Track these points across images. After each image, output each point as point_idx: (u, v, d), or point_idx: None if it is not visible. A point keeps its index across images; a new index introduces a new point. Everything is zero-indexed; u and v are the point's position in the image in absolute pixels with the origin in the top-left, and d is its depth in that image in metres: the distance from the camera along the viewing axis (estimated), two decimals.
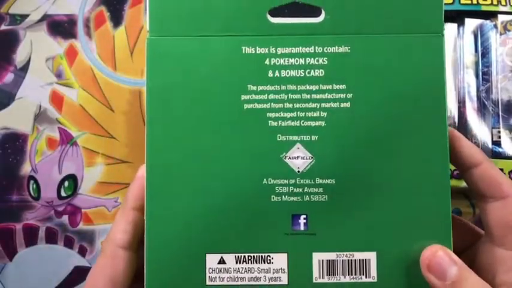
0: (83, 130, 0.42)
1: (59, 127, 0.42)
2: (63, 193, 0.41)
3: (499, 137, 0.39)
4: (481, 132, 0.39)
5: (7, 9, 0.43)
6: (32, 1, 0.43)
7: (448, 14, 0.40)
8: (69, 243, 0.41)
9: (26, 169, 0.41)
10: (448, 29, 0.40)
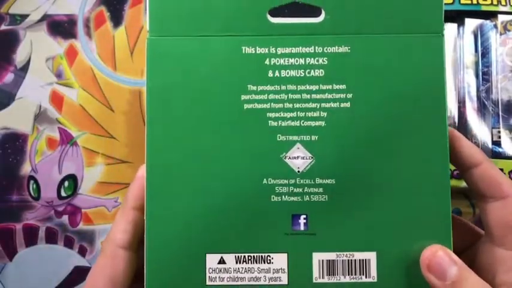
0: (83, 130, 0.42)
1: (59, 127, 0.42)
2: (63, 193, 0.41)
3: (499, 137, 0.39)
4: (481, 132, 0.39)
5: (7, 9, 0.43)
6: (32, 1, 0.43)
7: (448, 14, 0.40)
8: (69, 243, 0.41)
9: (26, 169, 0.41)
10: (448, 29, 0.40)
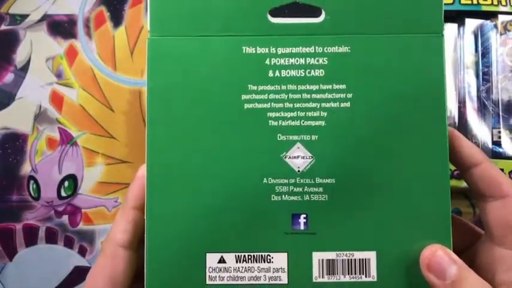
0: (83, 130, 0.42)
1: (59, 127, 0.42)
2: (63, 193, 0.41)
3: (499, 137, 0.39)
4: (481, 132, 0.39)
5: (7, 9, 0.43)
6: (32, 1, 0.43)
7: (448, 14, 0.40)
8: (69, 243, 0.41)
9: (26, 169, 0.41)
10: (449, 29, 0.40)
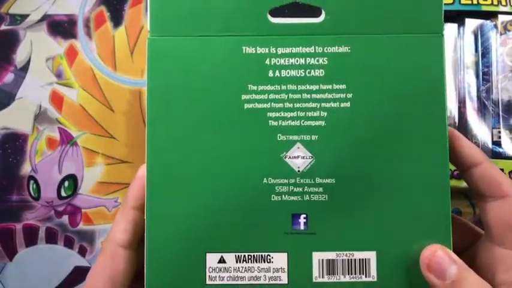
0: (83, 130, 0.42)
1: (59, 127, 0.42)
2: (63, 193, 0.41)
3: (499, 137, 0.39)
4: (481, 132, 0.39)
5: (7, 9, 0.43)
6: (32, 1, 0.43)
7: (448, 14, 0.40)
8: (69, 243, 0.41)
9: (26, 169, 0.41)
10: (449, 29, 0.40)
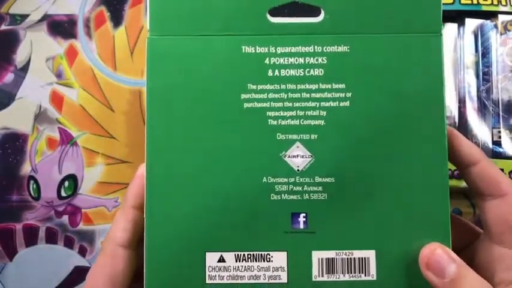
0: (83, 130, 0.42)
1: (59, 127, 0.42)
2: (63, 193, 0.41)
3: (500, 137, 0.39)
4: (481, 132, 0.39)
5: (7, 9, 0.43)
6: (32, 1, 0.43)
7: (448, 14, 0.40)
8: (69, 243, 0.41)
9: (26, 169, 0.41)
10: (449, 29, 0.40)
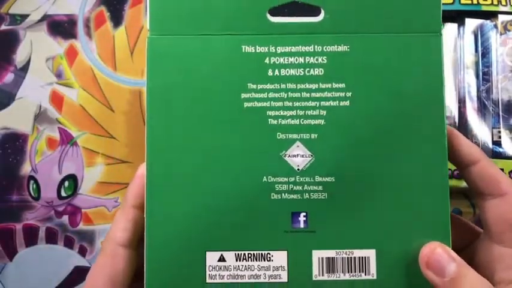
0: (83, 130, 0.42)
1: (59, 127, 0.42)
2: (63, 193, 0.41)
3: (500, 137, 0.39)
4: (481, 132, 0.39)
5: (7, 9, 0.43)
6: (32, 1, 0.43)
7: (448, 14, 0.40)
8: (69, 243, 0.41)
9: (26, 169, 0.41)
10: (449, 29, 0.40)
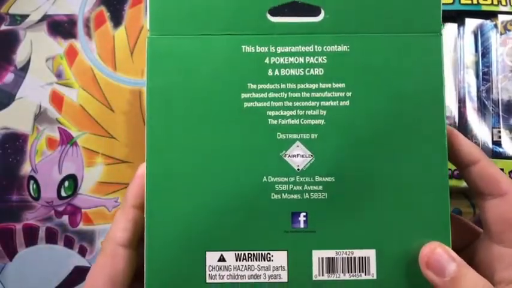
0: (83, 130, 0.42)
1: (59, 127, 0.42)
2: (63, 193, 0.41)
3: (500, 137, 0.39)
4: (481, 132, 0.39)
5: (7, 9, 0.43)
6: (32, 1, 0.43)
7: (448, 14, 0.40)
8: (69, 243, 0.41)
9: (26, 169, 0.41)
10: (449, 29, 0.40)
